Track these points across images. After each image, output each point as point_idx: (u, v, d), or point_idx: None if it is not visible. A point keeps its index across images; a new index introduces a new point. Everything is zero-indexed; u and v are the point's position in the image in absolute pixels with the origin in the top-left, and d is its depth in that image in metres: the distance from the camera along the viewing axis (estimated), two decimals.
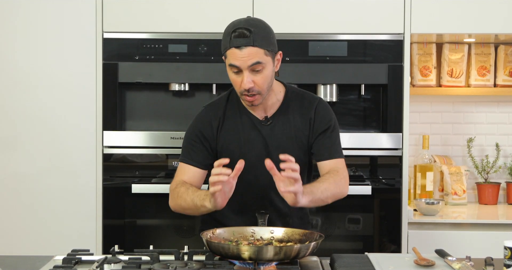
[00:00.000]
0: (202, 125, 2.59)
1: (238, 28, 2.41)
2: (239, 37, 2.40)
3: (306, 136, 2.57)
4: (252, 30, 2.40)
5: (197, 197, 2.41)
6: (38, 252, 3.04)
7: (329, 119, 2.59)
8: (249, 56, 2.40)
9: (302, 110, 2.59)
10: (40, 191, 3.50)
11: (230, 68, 2.46)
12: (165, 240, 3.47)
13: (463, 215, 3.67)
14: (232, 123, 2.58)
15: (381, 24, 3.47)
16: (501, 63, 3.95)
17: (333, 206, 2.72)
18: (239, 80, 2.46)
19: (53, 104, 3.49)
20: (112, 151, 3.47)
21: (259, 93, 2.47)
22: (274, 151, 2.50)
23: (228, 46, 2.42)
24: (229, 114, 2.60)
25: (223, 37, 2.46)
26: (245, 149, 2.55)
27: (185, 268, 2.12)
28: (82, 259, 2.25)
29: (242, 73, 2.44)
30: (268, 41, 2.44)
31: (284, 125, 2.57)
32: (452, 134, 4.08)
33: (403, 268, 2.23)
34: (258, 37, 2.41)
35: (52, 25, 3.49)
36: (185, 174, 2.57)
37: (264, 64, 2.43)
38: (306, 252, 2.16)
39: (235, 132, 2.57)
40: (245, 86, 2.43)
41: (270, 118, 2.57)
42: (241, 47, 2.40)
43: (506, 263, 2.09)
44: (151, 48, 3.46)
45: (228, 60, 2.45)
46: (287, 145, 2.55)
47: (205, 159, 2.58)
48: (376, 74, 3.46)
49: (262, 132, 2.56)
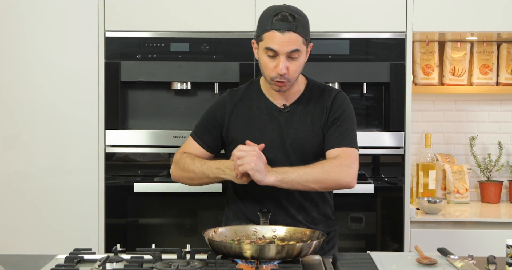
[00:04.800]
0: (217, 107, 2.63)
1: (281, 11, 2.40)
2: (282, 21, 2.38)
3: (322, 125, 2.55)
4: (295, 17, 2.39)
5: (208, 170, 2.49)
6: (40, 251, 3.03)
7: (343, 109, 2.56)
8: (289, 41, 2.39)
9: (321, 100, 2.58)
10: (43, 190, 3.50)
11: (265, 51, 2.43)
12: (168, 239, 3.47)
13: (466, 214, 3.66)
14: (247, 109, 2.59)
15: (383, 22, 3.46)
16: (503, 61, 3.95)
17: (335, 205, 2.72)
18: (272, 65, 2.43)
19: (55, 103, 3.49)
20: (115, 150, 3.47)
21: (289, 81, 2.46)
22: (289, 138, 2.52)
23: (268, 28, 2.39)
24: (246, 99, 2.61)
25: (260, 19, 2.44)
26: (258, 134, 2.55)
27: (187, 267, 2.11)
28: (84, 258, 2.25)
29: (277, 58, 2.42)
30: (307, 30, 2.45)
31: (302, 114, 2.56)
32: (455, 133, 4.08)
33: (406, 266, 2.23)
34: (300, 24, 2.40)
35: (54, 24, 3.49)
36: (191, 149, 2.64)
37: (300, 52, 2.43)
38: (308, 250, 2.16)
39: (250, 118, 2.58)
40: (281, 71, 2.41)
41: (289, 107, 2.57)
42: (283, 31, 2.38)
43: (508, 262, 2.09)
44: (153, 47, 3.46)
45: (265, 43, 2.41)
46: (303, 133, 2.54)
47: (213, 143, 2.63)
48: (379, 72, 3.46)
49: (279, 119, 2.55)
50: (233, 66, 3.44)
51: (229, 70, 3.44)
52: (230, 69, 3.44)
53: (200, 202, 3.49)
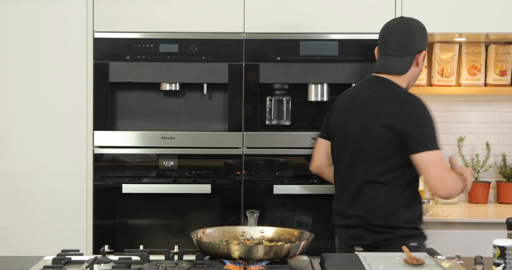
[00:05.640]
0: None
1: None
2: None
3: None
4: None
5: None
6: (28, 252, 3.04)
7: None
8: None
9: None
10: (31, 191, 3.49)
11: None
12: (156, 240, 3.46)
13: (454, 214, 3.68)
14: None
15: (372, 23, 3.46)
16: (491, 62, 3.96)
17: (323, 206, 2.73)
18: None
19: (43, 104, 3.48)
20: (103, 151, 3.47)
21: None
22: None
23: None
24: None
25: (424, 33, 2.88)
26: None
27: (175, 268, 2.12)
28: (72, 259, 2.24)
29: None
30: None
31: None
32: (443, 133, 4.07)
33: (393, 267, 2.24)
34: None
35: (43, 25, 3.48)
36: None
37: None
38: (296, 251, 2.17)
39: None
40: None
41: None
42: None
43: (495, 262, 2.10)
44: (142, 48, 3.46)
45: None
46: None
47: None
48: (367, 73, 3.45)
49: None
50: (222, 67, 3.44)
51: (218, 71, 3.44)
52: (219, 70, 3.44)
53: (189, 203, 3.48)
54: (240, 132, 3.44)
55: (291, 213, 3.44)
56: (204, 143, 3.44)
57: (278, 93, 3.46)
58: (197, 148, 3.44)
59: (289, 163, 3.47)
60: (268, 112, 3.47)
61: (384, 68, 2.87)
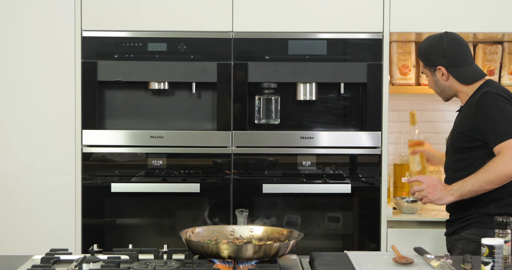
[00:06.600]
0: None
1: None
2: None
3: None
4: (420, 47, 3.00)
5: None
6: (16, 251, 3.02)
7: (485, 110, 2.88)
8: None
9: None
10: (19, 190, 3.48)
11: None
12: (145, 239, 3.46)
13: (443, 213, 3.67)
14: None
15: (360, 23, 3.48)
16: (479, 62, 3.97)
17: (312, 205, 2.73)
18: None
19: (32, 103, 3.47)
20: (92, 150, 3.46)
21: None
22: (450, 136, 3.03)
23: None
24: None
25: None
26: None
27: (165, 267, 2.11)
28: (60, 258, 2.24)
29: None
30: (425, 58, 2.96)
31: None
32: (431, 133, 4.10)
33: (382, 266, 2.24)
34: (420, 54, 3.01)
35: (30, 23, 3.47)
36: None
37: (427, 73, 3.01)
38: (286, 250, 2.17)
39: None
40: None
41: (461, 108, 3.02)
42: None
43: (483, 261, 2.10)
44: (131, 47, 3.45)
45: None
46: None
47: None
48: (356, 72, 3.47)
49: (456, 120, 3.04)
50: (211, 66, 3.44)
51: (206, 70, 3.44)
52: (208, 69, 3.44)
53: (178, 202, 3.48)
54: (229, 131, 3.44)
55: (280, 212, 3.44)
56: (193, 142, 3.44)
57: (266, 92, 3.47)
58: (186, 147, 3.44)
59: (278, 162, 3.48)
60: (257, 111, 3.47)
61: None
